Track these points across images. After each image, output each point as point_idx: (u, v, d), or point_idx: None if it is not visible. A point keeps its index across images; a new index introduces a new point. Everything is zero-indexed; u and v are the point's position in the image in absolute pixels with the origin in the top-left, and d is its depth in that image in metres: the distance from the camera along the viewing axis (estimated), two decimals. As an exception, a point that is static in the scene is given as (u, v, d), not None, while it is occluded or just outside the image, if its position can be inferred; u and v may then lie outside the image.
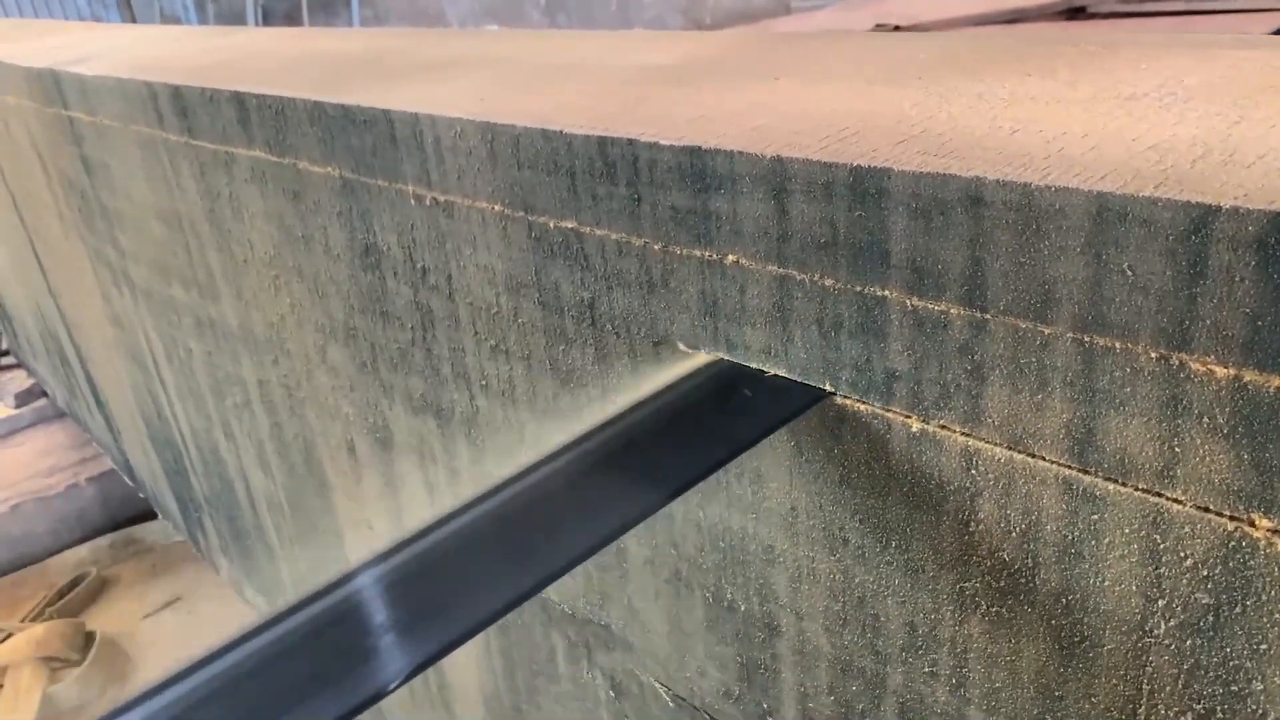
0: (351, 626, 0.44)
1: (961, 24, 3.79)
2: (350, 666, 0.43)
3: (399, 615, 0.44)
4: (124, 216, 1.43)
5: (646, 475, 0.54)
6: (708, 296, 0.58)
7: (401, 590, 0.45)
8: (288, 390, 1.18)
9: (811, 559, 0.60)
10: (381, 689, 0.42)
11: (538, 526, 0.50)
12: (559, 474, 0.52)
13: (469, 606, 0.45)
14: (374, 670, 0.43)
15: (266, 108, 0.92)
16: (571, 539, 0.50)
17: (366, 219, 0.86)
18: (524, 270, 0.71)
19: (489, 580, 0.47)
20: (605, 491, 0.53)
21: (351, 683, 0.42)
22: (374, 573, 0.46)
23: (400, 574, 0.46)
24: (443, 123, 0.72)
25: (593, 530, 0.50)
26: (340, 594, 0.44)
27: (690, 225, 0.57)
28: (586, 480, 0.53)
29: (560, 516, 0.51)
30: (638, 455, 0.55)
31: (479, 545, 0.48)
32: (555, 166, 0.64)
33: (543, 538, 0.50)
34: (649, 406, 0.57)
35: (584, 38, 0.99)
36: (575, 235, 0.65)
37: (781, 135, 0.53)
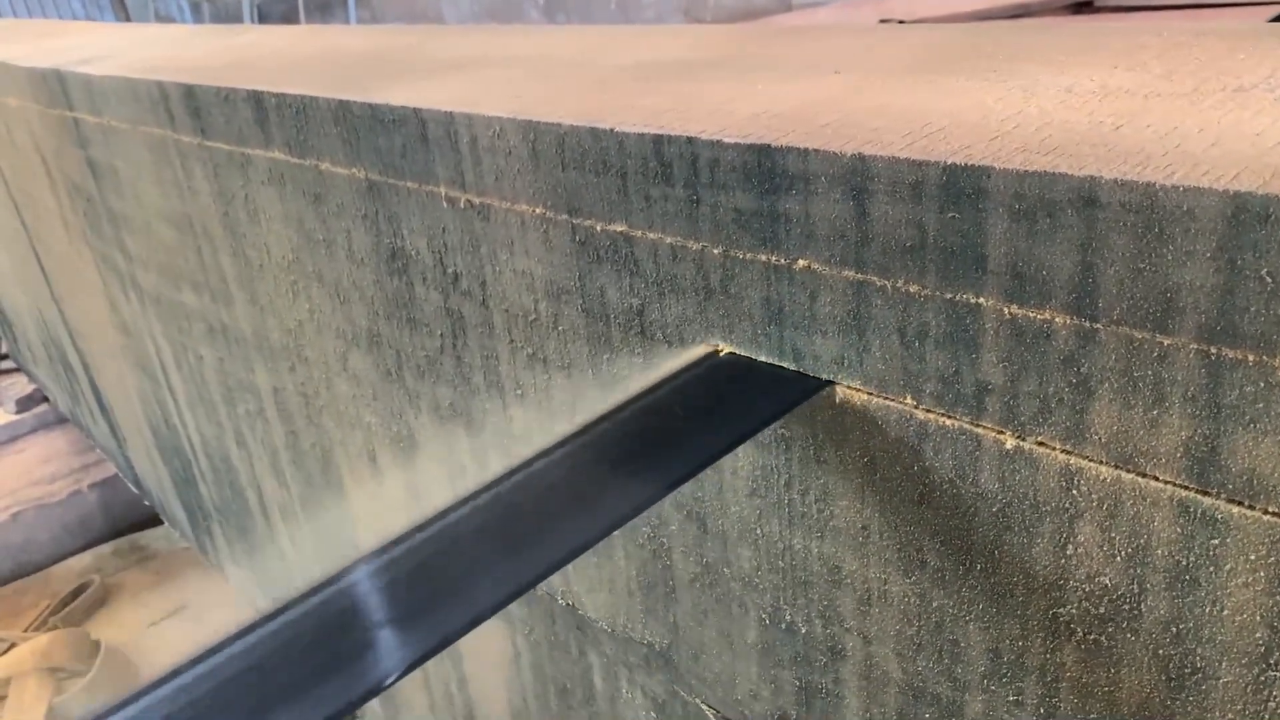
0: (349, 620, 0.44)
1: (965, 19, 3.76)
2: (348, 660, 0.42)
3: (397, 609, 0.44)
4: (132, 220, 1.39)
5: (644, 467, 0.54)
6: (773, 304, 0.55)
7: (399, 584, 0.45)
8: (305, 398, 1.15)
9: (884, 580, 0.57)
10: (379, 682, 0.42)
11: (535, 519, 0.50)
12: (556, 466, 0.52)
13: (467, 599, 0.45)
14: (372, 663, 0.42)
15: (286, 107, 0.89)
16: (569, 531, 0.49)
17: (394, 222, 0.83)
18: (566, 276, 0.68)
19: (487, 573, 0.47)
20: (603, 484, 0.53)
21: (349, 676, 0.42)
22: (372, 566, 0.46)
23: (398, 568, 0.46)
24: (480, 122, 0.68)
25: (590, 522, 0.50)
26: (338, 588, 0.45)
27: (755, 228, 0.53)
28: (584, 473, 0.53)
29: (558, 509, 0.51)
30: (635, 447, 0.54)
31: (477, 538, 0.48)
32: (604, 167, 0.60)
33: (541, 530, 0.49)
34: (646, 399, 0.57)
35: (614, 33, 0.96)
36: (625, 239, 0.62)
37: (858, 132, 0.49)
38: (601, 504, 0.51)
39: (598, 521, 0.50)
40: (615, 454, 0.54)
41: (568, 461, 0.52)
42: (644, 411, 0.56)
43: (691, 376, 0.59)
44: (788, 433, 0.58)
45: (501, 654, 1.01)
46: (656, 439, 0.55)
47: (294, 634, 0.43)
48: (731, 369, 0.58)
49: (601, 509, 0.51)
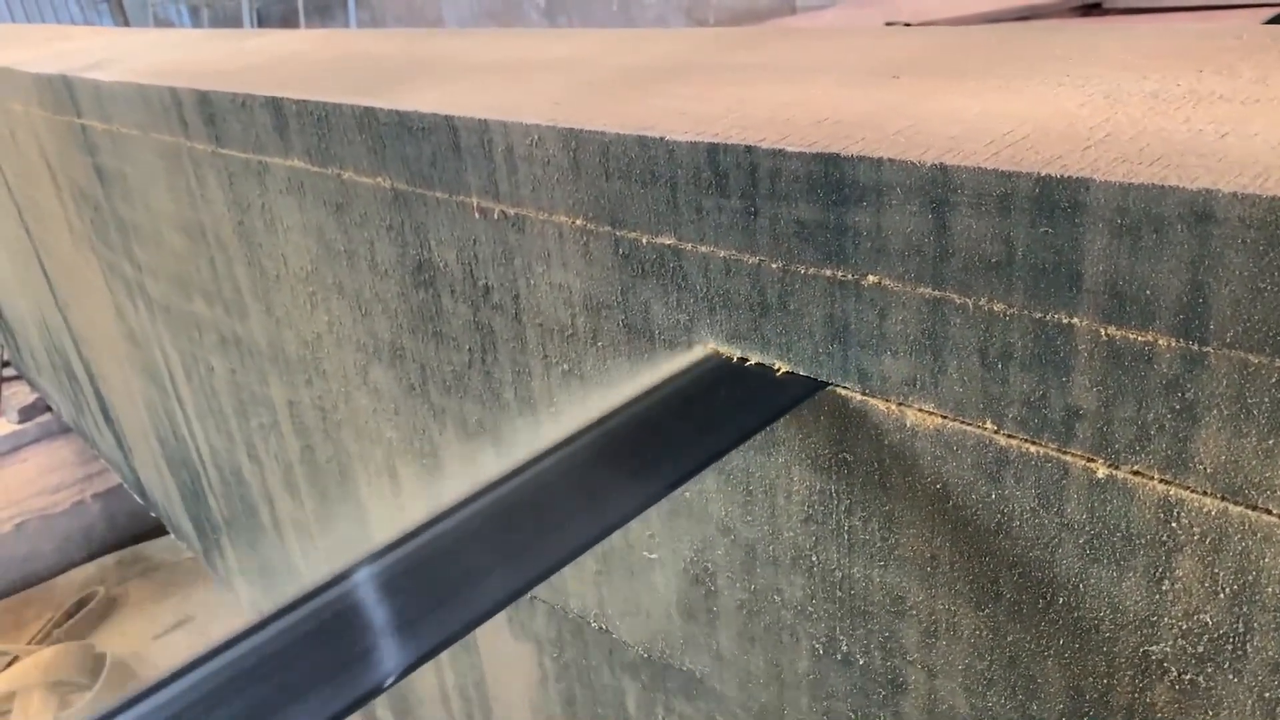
0: (351, 621, 0.44)
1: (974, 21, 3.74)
2: (349, 661, 0.42)
3: (397, 610, 0.45)
4: (141, 229, 1.36)
5: (643, 468, 0.53)
6: (837, 321, 0.52)
7: (400, 585, 0.45)
8: (322, 412, 1.12)
9: (952, 612, 0.54)
10: (380, 683, 0.42)
11: (535, 520, 0.50)
12: (556, 468, 0.52)
13: (467, 600, 0.45)
14: (373, 664, 0.43)
15: (307, 114, 0.86)
16: (569, 532, 0.49)
17: (421, 233, 0.80)
18: (607, 290, 0.65)
19: (487, 574, 0.47)
20: (601, 485, 0.53)
21: (351, 677, 0.42)
22: (372, 568, 0.46)
23: (398, 569, 0.46)
24: (516, 129, 0.65)
25: (589, 523, 0.50)
26: (339, 589, 0.45)
27: (819, 242, 0.50)
28: (583, 474, 0.52)
29: (557, 510, 0.51)
30: (634, 448, 0.54)
31: (476, 540, 0.48)
32: (652, 177, 0.58)
33: (540, 531, 0.49)
34: (645, 401, 0.56)
35: (646, 36, 0.93)
36: (673, 252, 0.59)
37: (934, 140, 0.47)
38: (600, 504, 0.51)
39: (597, 522, 0.50)
40: (614, 455, 0.53)
41: (566, 464, 0.52)
42: (642, 413, 0.56)
43: (690, 378, 0.59)
44: (850, 457, 0.55)
45: (528, 676, 0.98)
46: (655, 440, 0.55)
47: (296, 635, 0.43)
48: (728, 371, 0.59)
49: (600, 509, 0.51)
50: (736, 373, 0.58)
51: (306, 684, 0.42)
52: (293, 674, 0.42)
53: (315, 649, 0.43)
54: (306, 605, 0.44)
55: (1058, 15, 3.89)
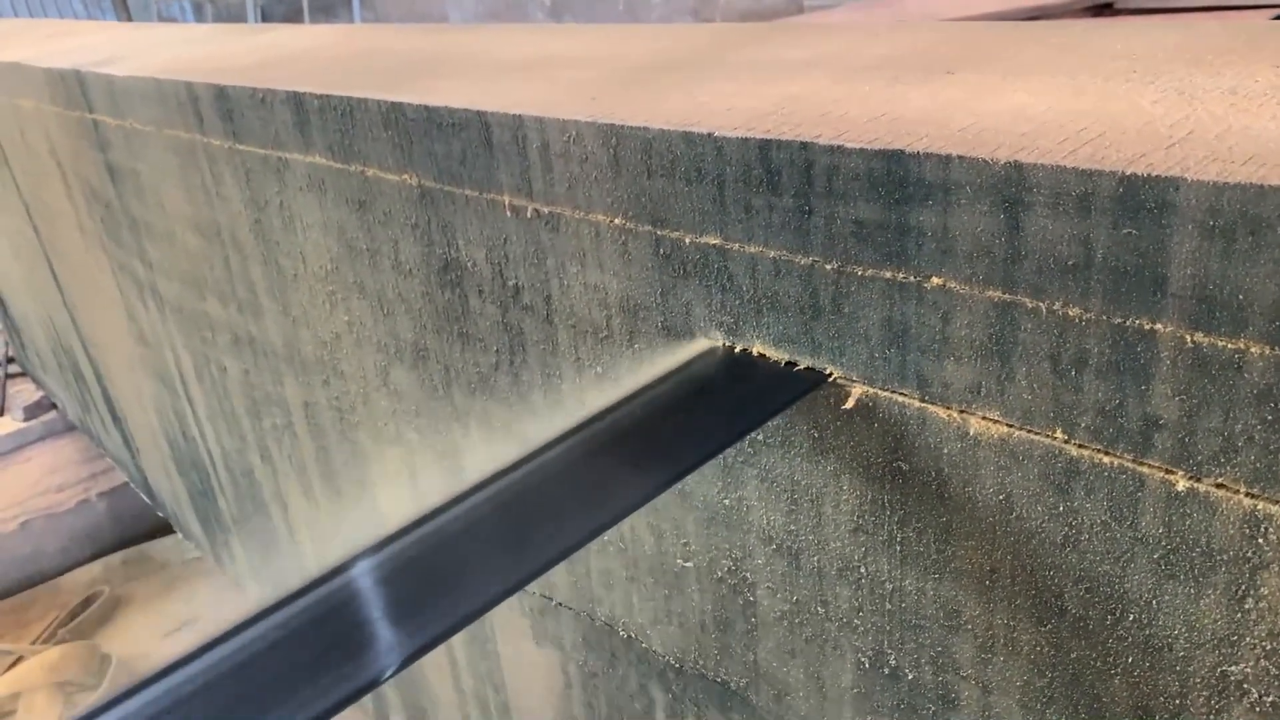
0: (348, 614, 0.44)
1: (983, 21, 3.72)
2: (346, 653, 0.42)
3: (395, 602, 0.45)
4: (153, 227, 1.34)
5: (645, 461, 0.54)
6: (895, 325, 0.50)
7: (398, 578, 0.45)
8: (339, 413, 1.10)
9: (1011, 627, 0.52)
10: (378, 675, 0.42)
11: (535, 513, 0.50)
12: (557, 461, 0.52)
13: (464, 594, 0.45)
14: (370, 658, 0.43)
15: (330, 110, 0.84)
16: (569, 525, 0.49)
17: (448, 232, 0.78)
18: (645, 291, 0.63)
19: (486, 567, 0.47)
20: (603, 477, 0.53)
21: (347, 670, 0.42)
22: (371, 561, 0.46)
23: (397, 562, 0.46)
24: (553, 126, 0.64)
25: (590, 516, 0.50)
26: (337, 582, 0.45)
27: (879, 242, 0.49)
28: (584, 466, 0.53)
29: (558, 502, 0.51)
30: (636, 441, 0.54)
31: (476, 532, 0.48)
32: (698, 174, 0.56)
33: (540, 524, 0.49)
34: (647, 394, 0.57)
35: (670, 32, 0.91)
36: (718, 252, 0.57)
37: (1003, 137, 0.45)
38: (601, 497, 0.51)
39: (597, 515, 0.50)
40: (616, 448, 0.53)
41: (567, 456, 0.52)
42: (645, 406, 0.56)
43: (693, 371, 0.59)
44: (905, 466, 0.53)
45: (550, 684, 0.96)
46: (658, 433, 0.55)
47: (295, 627, 0.43)
48: (731, 363, 0.59)
49: (601, 502, 0.51)
50: (743, 364, 0.58)
51: (305, 675, 0.42)
52: (291, 665, 0.42)
53: (314, 640, 0.43)
54: (305, 597, 0.44)
55: (1067, 15, 3.87)
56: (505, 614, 0.97)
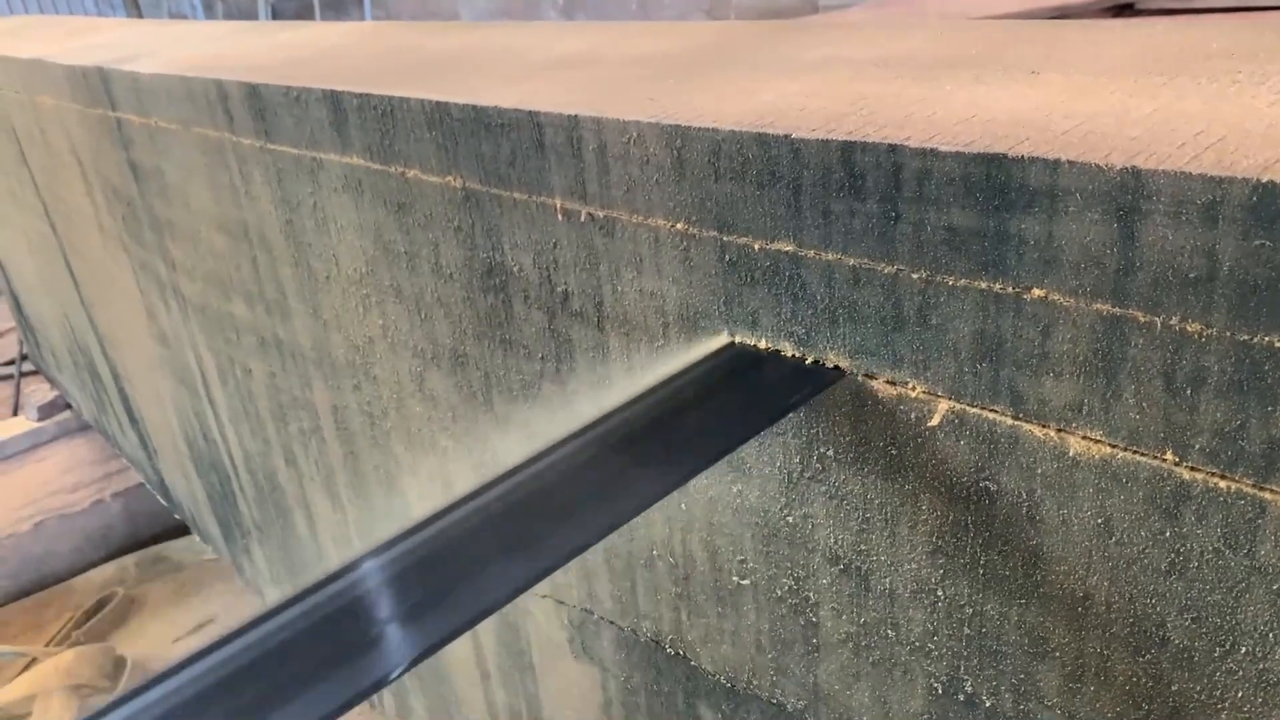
0: (357, 613, 0.44)
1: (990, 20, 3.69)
2: (355, 653, 0.42)
3: (404, 603, 0.44)
4: (177, 226, 1.32)
5: (654, 459, 0.53)
6: (988, 338, 0.47)
7: (407, 577, 0.45)
8: (370, 418, 1.07)
9: (1104, 656, 0.49)
10: (385, 675, 0.42)
11: (543, 512, 0.50)
12: (566, 460, 0.51)
13: (474, 594, 0.45)
14: (378, 657, 0.42)
15: (370, 109, 0.81)
16: (578, 524, 0.49)
17: (493, 235, 0.75)
18: (707, 299, 0.61)
19: (494, 567, 0.47)
20: (612, 475, 0.52)
21: (356, 669, 0.42)
22: (380, 560, 0.45)
23: (406, 561, 0.46)
24: (611, 127, 0.61)
25: (599, 515, 0.50)
26: (346, 581, 0.44)
27: (974, 251, 0.46)
28: (593, 465, 0.52)
29: (566, 502, 0.50)
30: (645, 439, 0.54)
31: (486, 531, 0.48)
32: (771, 178, 0.53)
33: (549, 522, 0.49)
34: (660, 392, 0.56)
35: (711, 30, 0.88)
36: (791, 260, 0.54)
37: (1113, 141, 0.42)
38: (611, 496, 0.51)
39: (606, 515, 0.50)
40: (627, 447, 0.53)
41: (576, 456, 0.52)
42: (657, 404, 0.56)
43: (707, 368, 0.59)
44: (993, 486, 0.50)
45: (589, 700, 0.94)
46: (671, 431, 0.54)
47: (304, 625, 0.43)
48: (746, 360, 0.59)
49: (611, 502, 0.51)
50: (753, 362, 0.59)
51: (314, 674, 0.42)
52: (300, 664, 0.42)
53: (323, 639, 0.43)
54: (315, 595, 0.44)
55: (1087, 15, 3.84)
56: (542, 626, 0.95)
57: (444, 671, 1.21)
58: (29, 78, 1.62)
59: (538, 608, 0.95)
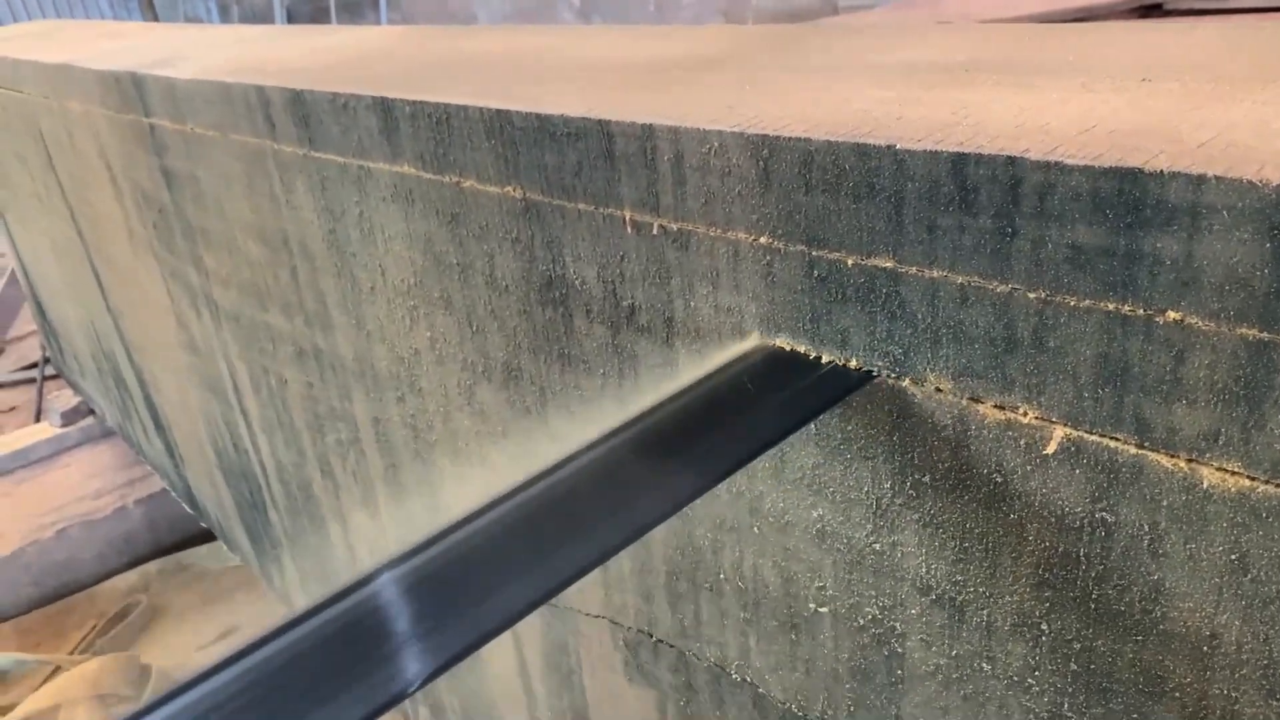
0: (372, 627, 0.43)
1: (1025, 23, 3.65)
2: (370, 668, 0.42)
3: (421, 616, 0.44)
4: (212, 234, 1.30)
5: (676, 466, 0.52)
6: (1113, 362, 0.44)
7: (424, 590, 0.44)
8: (414, 431, 1.05)
9: (1232, 699, 0.46)
10: (402, 691, 0.41)
11: (564, 521, 0.49)
12: (588, 468, 0.50)
13: (492, 606, 0.45)
14: (394, 672, 0.42)
15: (423, 117, 0.79)
16: (599, 533, 0.49)
17: (554, 247, 0.73)
18: (792, 315, 0.58)
19: (514, 578, 0.46)
20: (636, 483, 0.51)
21: (371, 684, 0.41)
22: (396, 573, 0.45)
23: (423, 574, 0.45)
24: (690, 136, 0.59)
25: (621, 525, 0.49)
26: (362, 595, 0.44)
27: (1100, 270, 0.43)
28: (615, 473, 0.51)
29: (588, 510, 0.50)
30: (672, 444, 0.53)
31: (506, 540, 0.47)
32: (870, 191, 0.50)
33: (569, 532, 0.48)
34: (686, 396, 0.55)
35: (759, 33, 0.86)
36: (889, 276, 0.52)
37: (1262, 155, 0.39)
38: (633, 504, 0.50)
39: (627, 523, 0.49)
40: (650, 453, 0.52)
41: (598, 463, 0.51)
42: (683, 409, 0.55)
43: (735, 371, 0.58)
44: (1111, 518, 0.47)
45: (644, 723, 0.91)
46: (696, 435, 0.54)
47: (319, 639, 0.42)
48: (775, 363, 0.59)
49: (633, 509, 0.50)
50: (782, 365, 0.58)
51: (329, 689, 0.41)
52: (315, 679, 0.41)
53: (338, 654, 0.42)
54: (330, 609, 0.43)
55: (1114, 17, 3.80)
56: (595, 646, 0.92)
57: (485, 690, 1.18)
58: (58, 82, 1.60)
59: (589, 627, 0.92)
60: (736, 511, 0.69)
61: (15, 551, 2.46)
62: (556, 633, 0.98)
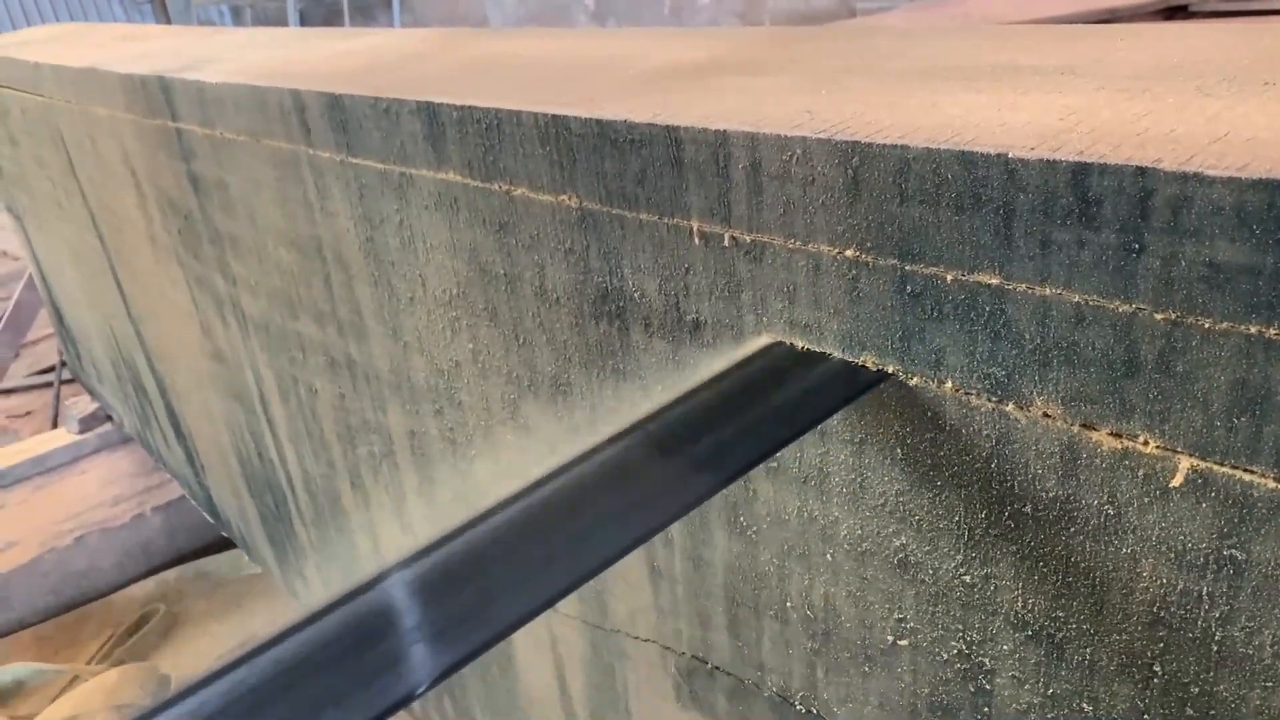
0: (381, 628, 0.43)
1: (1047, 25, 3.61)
2: (379, 669, 0.41)
3: (429, 617, 0.43)
4: (240, 242, 1.27)
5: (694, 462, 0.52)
6: (1252, 389, 0.41)
7: (435, 590, 0.44)
8: (452, 445, 1.02)
9: (1378, 753, 0.43)
10: (410, 692, 0.41)
11: (575, 520, 0.49)
12: (598, 468, 0.50)
13: (503, 606, 0.44)
14: (403, 673, 0.42)
15: (472, 122, 0.76)
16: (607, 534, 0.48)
17: (611, 259, 0.70)
18: (878, 334, 0.55)
19: (524, 578, 0.46)
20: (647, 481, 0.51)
21: (379, 686, 0.41)
22: (405, 574, 0.44)
23: (435, 573, 0.45)
24: (769, 143, 0.55)
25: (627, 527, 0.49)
26: (370, 596, 0.43)
27: (1241, 291, 0.40)
28: (626, 472, 0.51)
29: (597, 511, 0.49)
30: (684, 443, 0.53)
31: (512, 544, 0.47)
32: (975, 202, 0.47)
33: (576, 534, 0.48)
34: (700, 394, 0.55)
35: (828, 35, 0.83)
36: (994, 293, 0.48)
37: None
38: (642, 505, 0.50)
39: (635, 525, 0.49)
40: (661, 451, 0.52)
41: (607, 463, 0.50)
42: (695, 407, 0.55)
43: (750, 369, 0.58)
44: (1241, 555, 0.44)
45: (695, 750, 0.88)
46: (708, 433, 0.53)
47: (327, 640, 0.42)
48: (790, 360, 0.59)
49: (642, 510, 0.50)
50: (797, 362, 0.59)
51: (337, 691, 0.41)
52: (323, 680, 0.41)
53: (346, 655, 0.42)
54: (338, 610, 0.43)
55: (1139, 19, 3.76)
56: (644, 671, 0.89)
57: (522, 714, 1.15)
58: (82, 86, 1.58)
59: (637, 651, 0.89)
60: (807, 539, 0.65)
61: (33, 559, 2.43)
62: (602, 656, 0.94)
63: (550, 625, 1.01)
